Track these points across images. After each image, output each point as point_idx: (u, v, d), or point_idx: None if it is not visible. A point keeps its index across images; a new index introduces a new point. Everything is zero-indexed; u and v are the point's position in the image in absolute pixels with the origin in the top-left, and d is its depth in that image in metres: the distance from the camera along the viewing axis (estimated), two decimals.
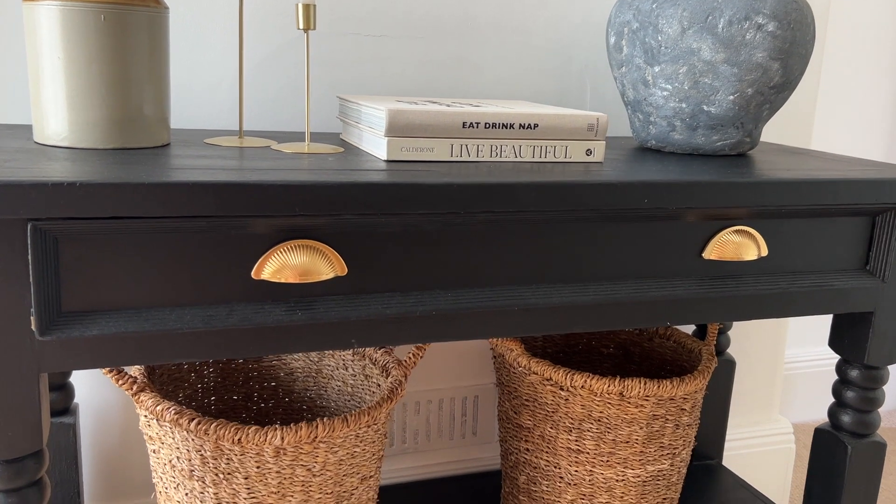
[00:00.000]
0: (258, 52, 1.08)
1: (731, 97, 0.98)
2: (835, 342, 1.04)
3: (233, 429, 0.80)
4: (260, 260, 0.70)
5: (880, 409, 2.12)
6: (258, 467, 0.82)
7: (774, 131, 1.41)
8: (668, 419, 1.03)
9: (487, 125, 0.86)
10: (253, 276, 0.71)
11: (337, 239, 0.73)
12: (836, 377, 1.06)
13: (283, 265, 0.70)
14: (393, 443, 1.28)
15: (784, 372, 1.97)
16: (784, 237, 0.92)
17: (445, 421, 1.31)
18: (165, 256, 0.68)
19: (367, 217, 0.72)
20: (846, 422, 1.05)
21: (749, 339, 1.48)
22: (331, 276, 0.72)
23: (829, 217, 0.94)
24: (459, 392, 1.31)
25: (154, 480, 0.90)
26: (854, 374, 1.03)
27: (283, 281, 0.71)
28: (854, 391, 1.04)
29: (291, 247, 0.71)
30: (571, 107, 1.26)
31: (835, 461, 1.06)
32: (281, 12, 1.08)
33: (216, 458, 0.82)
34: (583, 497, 1.05)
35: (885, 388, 2.11)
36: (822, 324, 2.02)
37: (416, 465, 1.30)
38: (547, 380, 1.02)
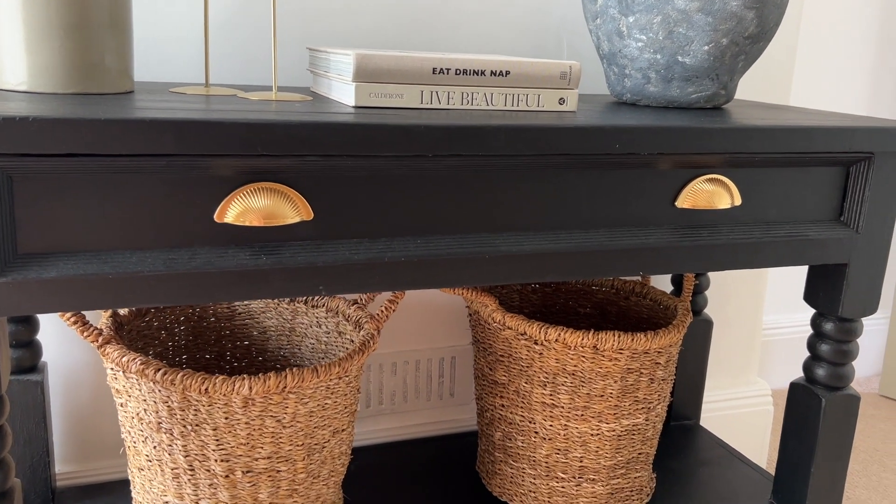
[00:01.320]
0: (227, 5, 1.06)
1: (706, 47, 0.97)
2: (810, 295, 1.04)
3: (200, 379, 0.79)
4: (223, 202, 0.69)
5: (862, 376, 2.14)
6: (227, 418, 0.81)
7: (752, 88, 1.40)
8: (642, 373, 1.03)
9: (458, 72, 0.85)
10: (216, 220, 0.69)
11: (302, 182, 0.72)
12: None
13: (246, 208, 0.69)
14: (370, 404, 1.28)
15: (764, 338, 1.98)
16: (758, 187, 0.91)
17: (422, 382, 1.31)
18: (125, 197, 0.66)
19: (333, 159, 0.71)
20: (820, 375, 1.05)
21: (728, 300, 1.49)
22: (296, 220, 0.71)
23: (804, 167, 0.93)
24: (437, 353, 1.31)
25: (122, 435, 0.89)
26: (828, 327, 1.04)
27: (247, 224, 0.69)
28: (828, 344, 1.04)
29: (255, 189, 0.69)
30: None
31: (809, 414, 1.06)
32: None
33: (184, 410, 0.81)
34: (558, 451, 1.05)
35: (865, 354, 2.12)
36: (803, 290, 2.03)
37: (394, 426, 1.30)
38: (521, 334, 1.02)
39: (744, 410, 1.54)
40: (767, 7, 0.96)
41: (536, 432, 1.05)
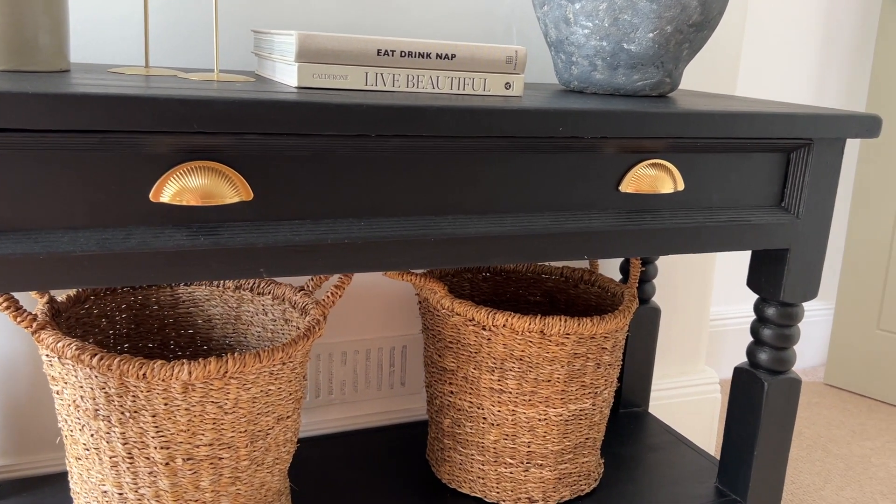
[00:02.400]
0: None
1: (651, 34, 0.97)
2: (752, 281, 1.06)
3: (137, 364, 0.77)
4: (159, 181, 0.67)
5: (808, 366, 2.19)
6: (166, 404, 0.80)
7: (699, 78, 1.42)
8: (589, 358, 1.03)
9: (403, 54, 0.84)
10: (151, 199, 0.68)
11: (241, 161, 0.70)
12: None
13: (183, 187, 0.68)
14: (319, 393, 1.27)
15: (713, 329, 2.01)
16: (700, 172, 0.93)
17: (373, 371, 1.30)
18: (56, 175, 0.64)
19: (273, 138, 0.70)
20: (763, 359, 1.07)
21: (676, 289, 1.51)
22: (235, 200, 0.70)
23: (745, 153, 0.95)
24: (388, 342, 1.30)
25: (59, 424, 0.87)
26: (771, 311, 1.05)
27: (184, 204, 0.68)
28: (771, 328, 1.06)
29: (192, 168, 0.68)
30: None
31: (752, 398, 1.08)
32: None
33: (121, 396, 0.79)
34: (506, 437, 1.05)
35: (810, 344, 2.17)
36: None
37: (344, 416, 1.29)
38: (470, 320, 1.02)
39: (692, 398, 1.56)
40: None
41: (485, 418, 1.05)
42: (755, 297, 1.91)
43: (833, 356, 2.05)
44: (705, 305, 1.55)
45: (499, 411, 1.04)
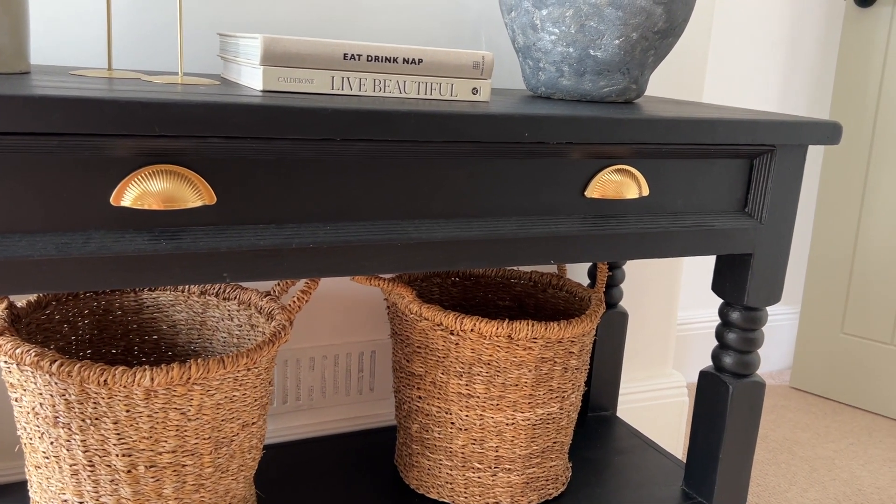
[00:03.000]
0: None
1: (617, 41, 0.98)
2: (717, 285, 1.07)
3: (98, 370, 0.76)
4: (120, 185, 0.67)
5: (774, 369, 2.22)
6: (128, 411, 0.79)
7: (666, 85, 1.43)
8: (556, 362, 1.04)
9: (370, 58, 0.84)
10: (112, 203, 0.67)
11: (204, 165, 0.70)
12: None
13: (144, 191, 0.67)
14: (286, 399, 1.26)
15: (681, 333, 2.03)
16: (665, 178, 0.93)
17: (341, 377, 1.29)
18: (14, 178, 0.63)
19: (236, 142, 0.69)
20: (728, 363, 1.08)
21: (643, 294, 1.52)
22: (198, 204, 0.69)
23: (709, 158, 0.96)
24: (356, 347, 1.29)
25: (18, 432, 0.85)
26: (735, 315, 1.07)
27: (145, 208, 0.67)
28: (735, 332, 1.07)
29: (154, 172, 0.67)
30: None
31: (717, 401, 1.09)
32: None
33: (82, 403, 0.78)
34: (474, 442, 1.05)
35: (776, 347, 2.20)
36: None
37: (312, 422, 1.28)
38: (438, 325, 1.02)
39: (659, 402, 1.57)
40: (676, 3, 0.99)
41: (453, 423, 1.05)
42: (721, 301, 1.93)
43: (799, 360, 2.08)
44: (672, 309, 1.56)
45: (467, 416, 1.04)
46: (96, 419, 0.79)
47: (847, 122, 1.93)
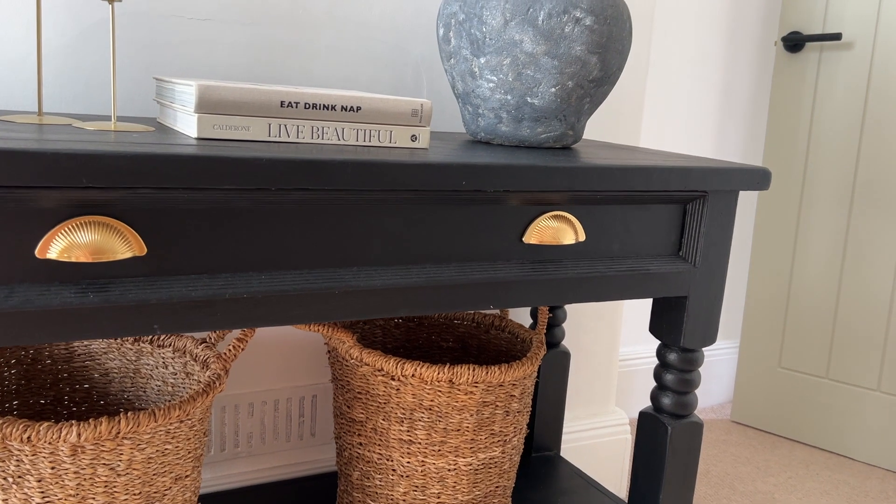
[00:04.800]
0: (69, 30, 1.01)
1: (553, 89, 1.00)
2: (654, 327, 1.09)
3: (21, 426, 0.73)
4: (45, 237, 0.65)
5: (715, 403, 2.25)
6: (53, 468, 0.76)
7: (604, 130, 1.47)
8: (497, 406, 1.04)
9: (308, 106, 0.84)
10: (37, 255, 0.65)
11: (134, 215, 0.68)
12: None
13: (71, 243, 0.65)
14: (224, 447, 1.23)
15: (625, 368, 2.06)
16: (601, 223, 0.95)
17: (282, 422, 1.27)
18: None
19: (167, 192, 0.68)
20: (666, 404, 1.10)
21: (585, 332, 1.53)
22: (128, 255, 0.68)
23: (644, 204, 0.98)
24: (297, 392, 1.27)
25: None
26: (672, 357, 1.08)
27: (72, 260, 0.65)
28: (672, 374, 1.09)
29: (81, 223, 0.66)
30: None
31: (656, 442, 1.10)
32: None
33: (4, 461, 0.75)
34: (415, 489, 1.04)
35: (717, 381, 2.24)
36: None
37: (250, 469, 1.25)
38: (378, 370, 1.01)
39: (603, 440, 1.58)
40: (610, 53, 1.01)
41: (394, 470, 1.04)
42: None
43: (739, 394, 2.12)
44: (614, 347, 1.58)
45: (408, 462, 1.03)
46: (19, 477, 0.76)
47: (780, 162, 2.00)
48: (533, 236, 0.89)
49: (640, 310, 2.08)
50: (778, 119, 1.99)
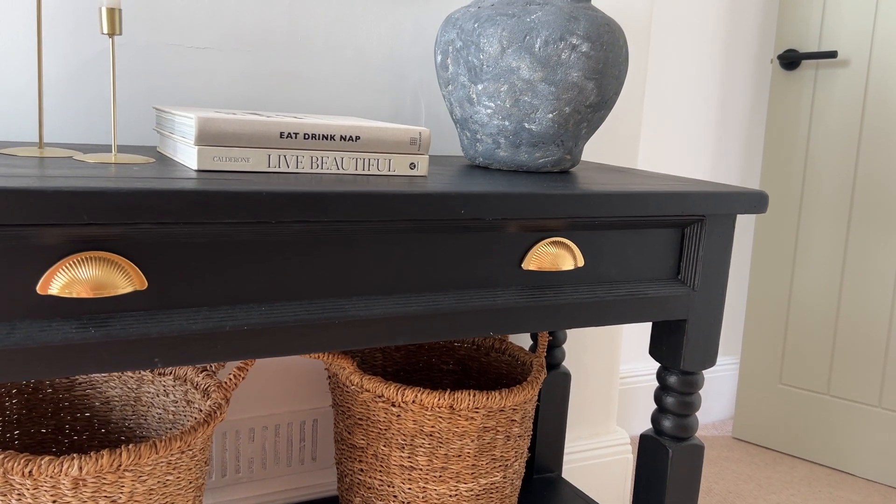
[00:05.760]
0: (70, 61, 1.02)
1: (550, 115, 1.01)
2: (654, 350, 1.09)
3: (23, 460, 0.73)
4: (47, 273, 0.65)
5: (717, 419, 2.25)
6: (55, 501, 0.76)
7: (602, 150, 1.47)
8: (498, 431, 1.04)
9: (307, 136, 0.85)
10: (39, 291, 0.65)
11: (135, 250, 0.69)
12: None
13: (73, 279, 0.65)
14: (225, 472, 1.23)
15: (626, 386, 2.06)
16: (599, 248, 0.96)
17: (282, 447, 1.27)
18: None
19: (167, 226, 0.69)
20: (667, 426, 1.10)
21: (585, 352, 1.53)
22: (128, 290, 0.68)
23: (642, 229, 0.98)
24: (297, 416, 1.27)
25: None
26: (672, 379, 1.08)
27: (73, 296, 0.66)
28: (673, 396, 1.09)
29: (82, 259, 0.66)
30: (406, 124, 1.27)
31: (658, 464, 1.10)
32: (95, 20, 1.03)
33: (5, 495, 0.75)
34: None
35: (718, 398, 2.24)
36: None
37: (252, 494, 1.25)
38: (379, 396, 1.01)
39: (604, 460, 1.58)
40: (606, 79, 1.02)
41: (395, 496, 1.04)
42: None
43: (740, 410, 2.11)
44: (614, 366, 1.58)
45: (409, 489, 1.03)
46: None
47: (778, 178, 2.00)
48: (532, 262, 0.90)
49: (640, 327, 2.08)
50: (775, 136, 2.00)
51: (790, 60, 1.93)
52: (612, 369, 1.58)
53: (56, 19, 1.01)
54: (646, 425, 2.10)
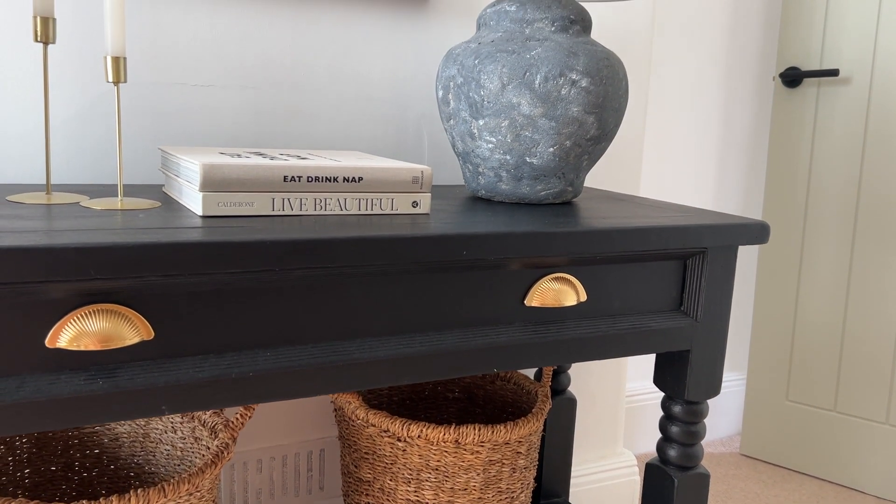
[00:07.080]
0: (76, 102, 1.03)
1: (551, 149, 1.02)
2: (658, 380, 1.09)
3: None
4: (55, 327, 0.66)
5: (725, 436, 2.24)
6: None
7: (604, 177, 1.48)
8: (504, 464, 1.04)
9: (310, 178, 0.86)
10: (47, 345, 0.66)
11: (141, 301, 0.70)
12: None
13: (80, 332, 0.66)
14: (234, 503, 1.23)
15: (633, 404, 2.06)
16: (601, 282, 0.96)
17: (290, 477, 1.28)
18: None
19: (174, 277, 0.70)
20: (672, 456, 1.10)
21: (591, 375, 1.54)
22: (136, 340, 0.69)
23: (643, 262, 0.99)
24: (304, 446, 1.28)
25: None
26: (677, 409, 1.09)
27: (82, 349, 0.67)
28: (678, 426, 1.09)
29: (90, 312, 0.67)
30: (409, 156, 1.28)
31: (663, 493, 1.10)
32: (99, 62, 1.04)
33: None
34: None
35: (725, 414, 2.23)
36: None
37: None
38: (384, 431, 1.01)
39: (611, 482, 1.58)
40: (606, 112, 1.03)
41: None
42: None
43: (747, 427, 2.11)
44: (620, 389, 1.58)
45: None
46: None
47: (782, 196, 2.00)
48: (535, 299, 0.90)
49: None
50: (778, 153, 2.00)
51: (792, 78, 1.94)
52: (618, 392, 1.58)
53: (63, 62, 1.02)
54: (654, 443, 2.10)
